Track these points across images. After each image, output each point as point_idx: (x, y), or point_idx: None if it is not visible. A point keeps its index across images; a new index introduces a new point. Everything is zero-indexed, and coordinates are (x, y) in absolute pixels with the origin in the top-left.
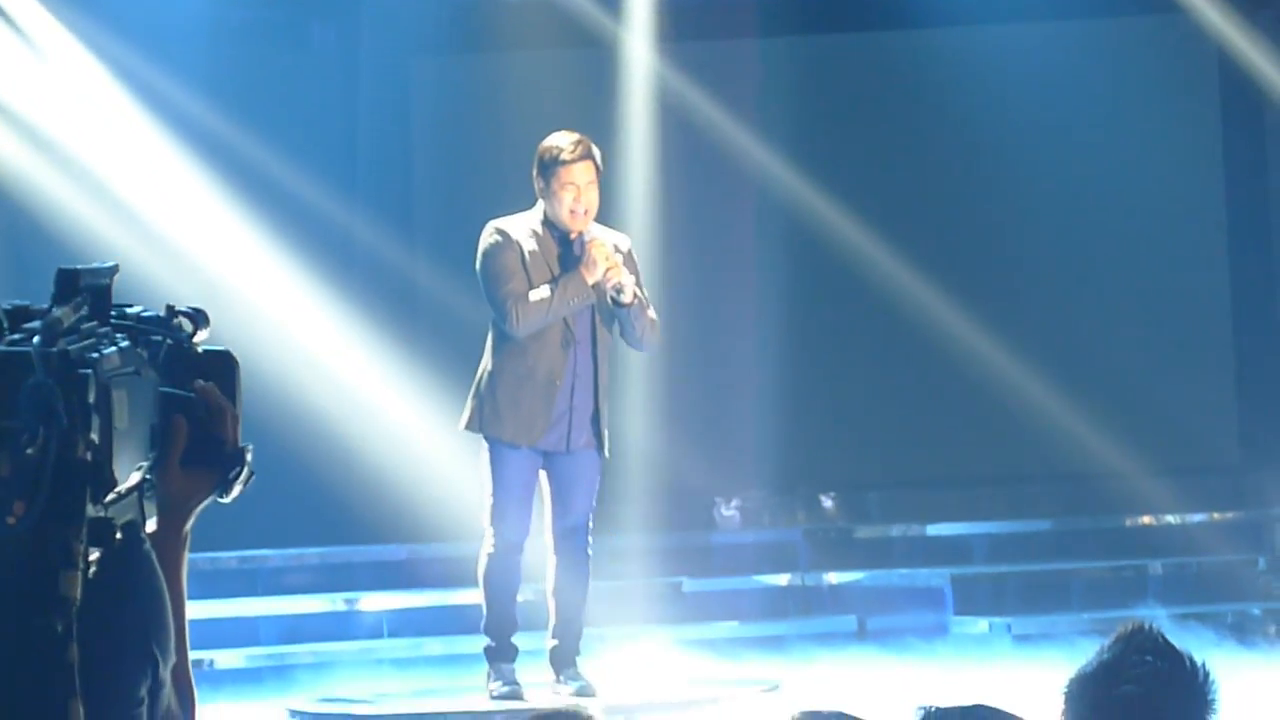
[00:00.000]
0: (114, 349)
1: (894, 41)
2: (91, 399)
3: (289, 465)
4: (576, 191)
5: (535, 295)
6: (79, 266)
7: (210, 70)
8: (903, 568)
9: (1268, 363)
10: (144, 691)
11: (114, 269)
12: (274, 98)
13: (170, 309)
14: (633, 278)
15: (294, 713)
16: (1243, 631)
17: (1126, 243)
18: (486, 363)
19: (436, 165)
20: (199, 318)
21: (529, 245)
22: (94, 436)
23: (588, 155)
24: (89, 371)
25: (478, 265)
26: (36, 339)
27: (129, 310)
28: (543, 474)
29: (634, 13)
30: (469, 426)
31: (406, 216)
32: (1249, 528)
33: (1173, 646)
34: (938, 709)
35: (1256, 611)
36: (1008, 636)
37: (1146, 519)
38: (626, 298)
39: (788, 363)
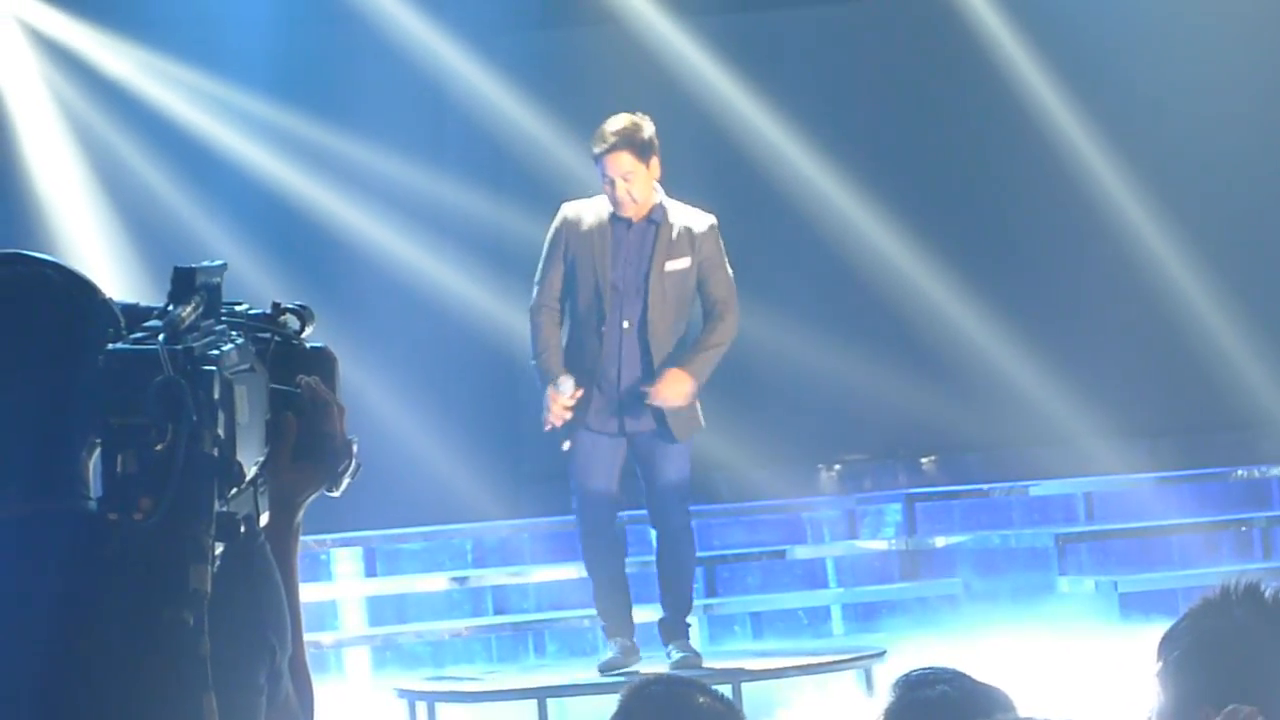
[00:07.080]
0: (232, 346)
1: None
2: (216, 395)
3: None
4: (614, 184)
5: (538, 343)
6: (194, 265)
7: (288, 49)
8: (1006, 529)
9: None
10: (263, 680)
11: (223, 267)
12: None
13: (276, 306)
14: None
15: (402, 692)
16: None
17: (1219, 197)
18: None
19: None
20: (305, 314)
21: (586, 230)
22: (219, 432)
23: (620, 145)
24: (213, 368)
25: None
26: (161, 336)
27: (237, 308)
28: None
29: None
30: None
31: (496, 190)
32: None
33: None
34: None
35: None
36: (1114, 595)
37: (1253, 472)
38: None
39: (884, 327)
